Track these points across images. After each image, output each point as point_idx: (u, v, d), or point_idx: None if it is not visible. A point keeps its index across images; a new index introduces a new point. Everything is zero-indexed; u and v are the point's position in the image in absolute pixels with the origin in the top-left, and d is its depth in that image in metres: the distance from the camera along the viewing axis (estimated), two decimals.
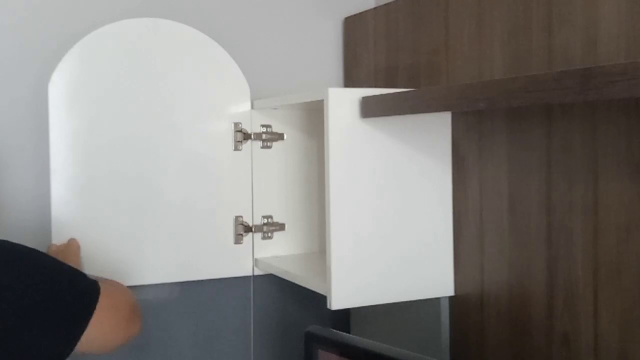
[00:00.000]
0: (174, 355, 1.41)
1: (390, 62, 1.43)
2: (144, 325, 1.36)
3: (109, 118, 1.31)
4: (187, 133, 1.37)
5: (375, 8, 1.49)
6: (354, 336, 1.15)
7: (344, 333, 1.17)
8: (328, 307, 1.18)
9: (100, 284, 1.05)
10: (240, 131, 1.41)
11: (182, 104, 1.36)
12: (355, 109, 1.18)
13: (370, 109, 1.16)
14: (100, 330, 1.03)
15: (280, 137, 1.46)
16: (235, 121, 1.41)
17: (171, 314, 1.40)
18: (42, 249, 1.27)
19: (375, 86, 1.44)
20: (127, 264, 1.32)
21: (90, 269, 1.27)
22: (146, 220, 1.34)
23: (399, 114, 1.13)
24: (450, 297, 1.27)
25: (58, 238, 1.27)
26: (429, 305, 1.28)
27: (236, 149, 1.41)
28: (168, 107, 1.35)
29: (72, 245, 1.26)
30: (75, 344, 0.99)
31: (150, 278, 1.35)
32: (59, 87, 1.28)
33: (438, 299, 1.27)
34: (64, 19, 1.34)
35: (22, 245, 1.01)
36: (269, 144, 1.45)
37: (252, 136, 1.43)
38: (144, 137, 1.34)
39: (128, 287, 1.21)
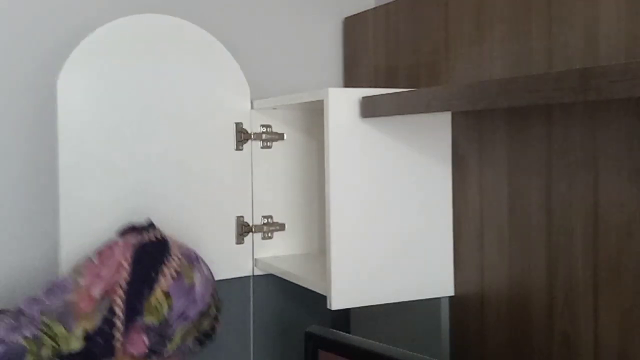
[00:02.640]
0: None
1: (390, 62, 1.43)
2: None
3: (109, 118, 1.31)
4: (187, 133, 1.37)
5: (375, 8, 1.49)
6: (354, 336, 1.15)
7: (344, 333, 1.17)
8: (328, 307, 1.18)
9: None
10: (241, 131, 1.41)
11: (183, 103, 1.36)
12: (355, 109, 1.18)
13: (370, 109, 1.16)
14: None
15: (280, 137, 1.46)
16: (236, 121, 1.41)
17: None
18: (48, 241, 1.28)
19: (375, 86, 1.44)
20: None
21: None
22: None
23: (399, 114, 1.13)
24: (450, 297, 1.27)
25: (63, 235, 1.27)
26: (429, 305, 1.28)
27: (237, 148, 1.41)
28: (169, 106, 1.35)
29: None
30: None
31: None
32: (68, 83, 1.27)
33: (438, 299, 1.27)
34: (71, 16, 1.34)
35: None
36: (269, 144, 1.46)
37: (252, 136, 1.43)
38: (145, 136, 1.34)
39: None
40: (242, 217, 1.42)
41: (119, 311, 1.03)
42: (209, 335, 1.16)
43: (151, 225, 1.13)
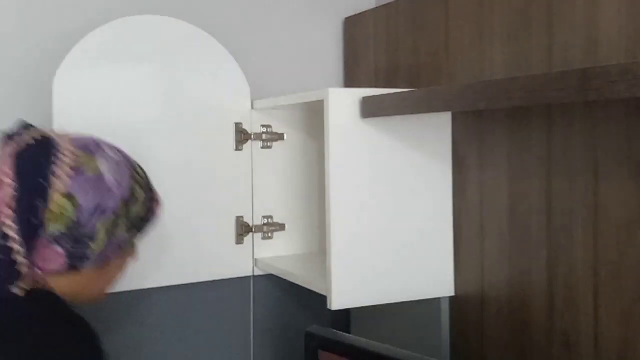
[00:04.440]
0: (174, 355, 1.40)
1: (390, 62, 1.43)
2: (145, 326, 1.36)
3: (106, 118, 1.31)
4: (187, 133, 1.37)
5: (375, 8, 1.49)
6: (354, 336, 1.15)
7: (344, 333, 1.17)
8: (328, 307, 1.18)
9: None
10: (241, 131, 1.41)
11: (182, 103, 1.36)
12: (355, 109, 1.18)
13: (370, 109, 1.16)
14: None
15: (280, 137, 1.46)
16: (236, 121, 1.41)
17: (171, 314, 1.40)
18: None
19: (376, 86, 1.44)
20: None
21: None
22: None
23: (399, 114, 1.13)
24: (450, 297, 1.27)
25: None
26: (429, 305, 1.28)
27: (237, 148, 1.41)
28: (168, 106, 1.35)
29: None
30: None
31: (152, 282, 1.34)
32: (64, 83, 1.27)
33: (438, 299, 1.27)
34: (69, 17, 1.34)
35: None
36: (269, 144, 1.46)
37: (252, 136, 1.43)
38: (144, 137, 1.33)
39: (132, 291, 1.23)
40: (242, 217, 1.42)
41: (12, 233, 0.91)
42: (145, 219, 1.06)
43: (26, 127, 0.97)
